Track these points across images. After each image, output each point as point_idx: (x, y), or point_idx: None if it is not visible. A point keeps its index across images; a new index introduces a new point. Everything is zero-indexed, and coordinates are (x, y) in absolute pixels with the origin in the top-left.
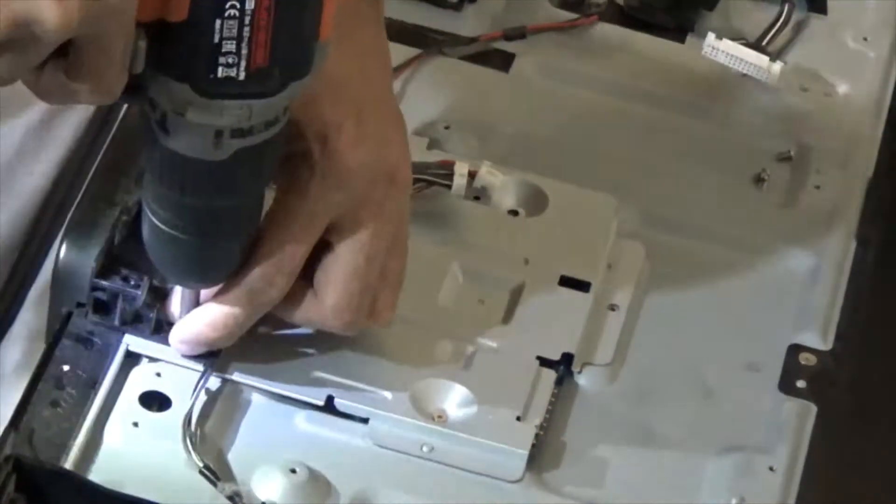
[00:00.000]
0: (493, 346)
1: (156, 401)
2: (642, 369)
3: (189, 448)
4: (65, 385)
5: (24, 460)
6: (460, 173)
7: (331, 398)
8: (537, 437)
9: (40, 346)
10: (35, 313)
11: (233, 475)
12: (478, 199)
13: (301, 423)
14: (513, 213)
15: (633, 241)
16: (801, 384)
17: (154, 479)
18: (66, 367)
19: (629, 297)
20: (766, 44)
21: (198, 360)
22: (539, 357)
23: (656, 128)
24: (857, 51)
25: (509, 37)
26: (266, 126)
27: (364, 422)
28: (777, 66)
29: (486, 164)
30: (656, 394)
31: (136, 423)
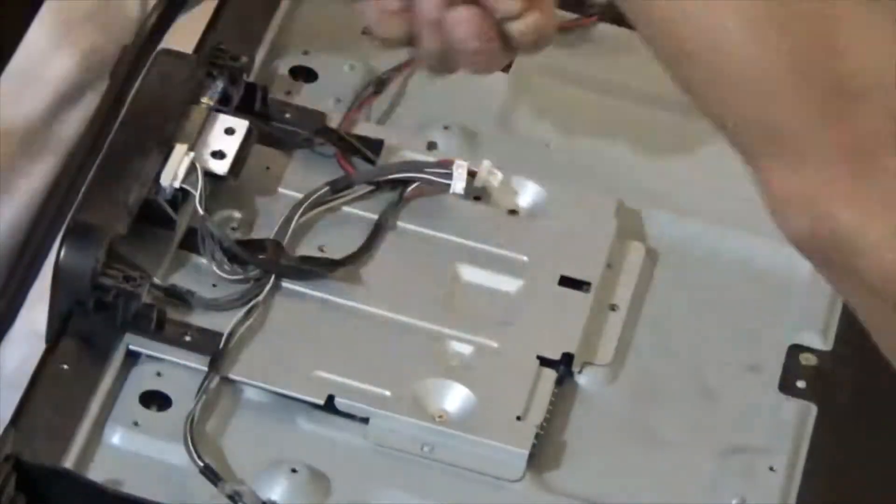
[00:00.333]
0: (493, 346)
1: (156, 400)
2: (642, 369)
3: (190, 448)
4: (65, 385)
5: (24, 460)
6: (460, 173)
7: (331, 398)
8: (537, 436)
9: (40, 346)
10: (35, 313)
11: (233, 475)
12: (478, 199)
13: (301, 422)
14: (513, 213)
15: (633, 241)
16: (801, 384)
17: (154, 479)
18: (66, 366)
19: (629, 297)
20: None
21: (200, 361)
22: (539, 357)
23: (656, 128)
24: None
25: None
26: None
27: (364, 421)
28: None
29: (486, 163)
30: (656, 394)
31: (137, 423)
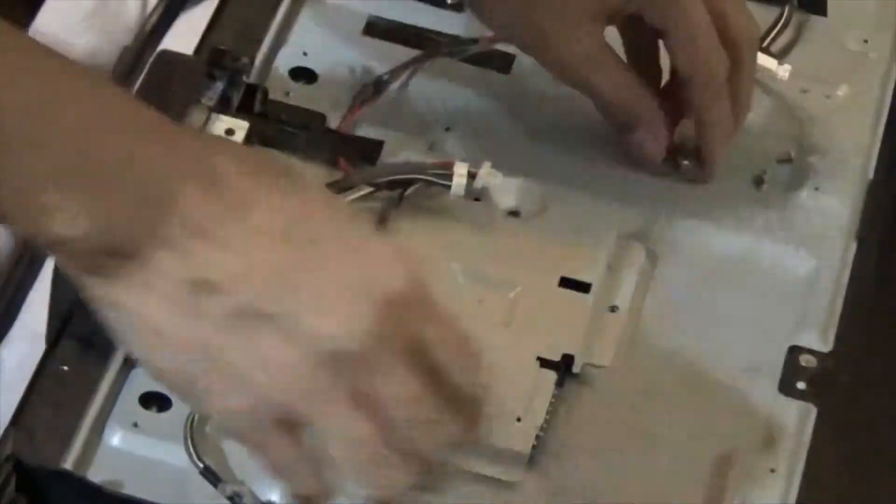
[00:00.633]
0: (493, 347)
1: (156, 401)
2: (642, 370)
3: (190, 449)
4: (65, 385)
5: (24, 460)
6: (460, 174)
7: None
8: (537, 437)
9: (40, 346)
10: (35, 313)
11: (233, 476)
12: (478, 199)
13: None
14: (513, 213)
15: (633, 242)
16: (801, 385)
17: (154, 479)
18: (66, 367)
19: (629, 298)
20: (767, 45)
21: None
22: (539, 358)
23: None
24: (857, 52)
25: None
26: None
27: None
28: (786, 69)
29: (487, 164)
30: (656, 395)
31: (136, 424)
